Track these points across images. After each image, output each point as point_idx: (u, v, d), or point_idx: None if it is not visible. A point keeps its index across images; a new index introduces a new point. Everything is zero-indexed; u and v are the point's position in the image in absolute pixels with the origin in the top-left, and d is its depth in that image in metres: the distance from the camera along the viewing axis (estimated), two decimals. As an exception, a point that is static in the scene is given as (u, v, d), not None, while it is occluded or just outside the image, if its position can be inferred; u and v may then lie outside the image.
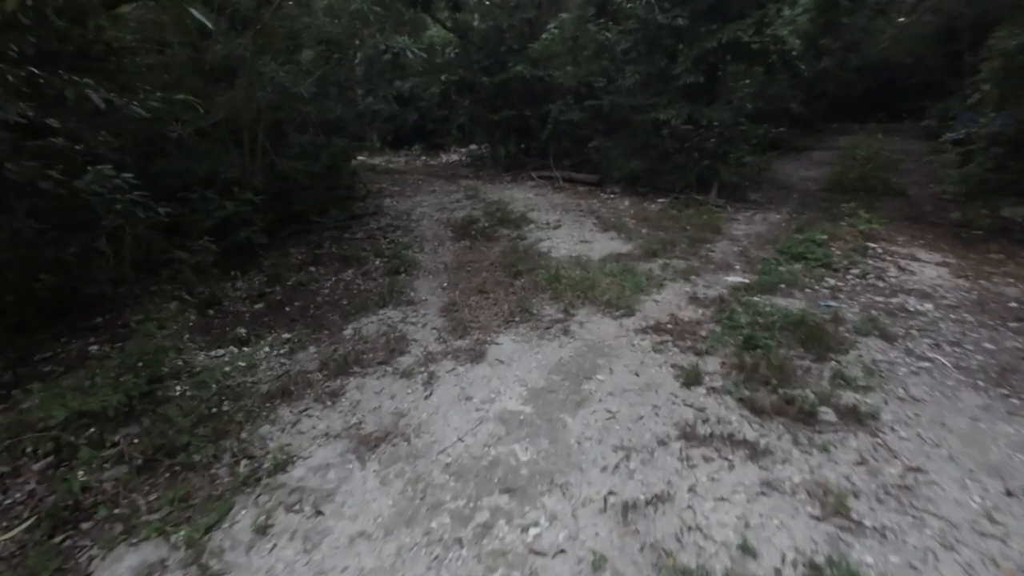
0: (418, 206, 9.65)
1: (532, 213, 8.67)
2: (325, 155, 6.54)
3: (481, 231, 7.64)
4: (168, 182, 6.03)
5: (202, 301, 5.25)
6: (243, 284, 5.80)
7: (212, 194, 5.87)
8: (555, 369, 3.81)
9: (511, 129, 13.80)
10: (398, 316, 4.92)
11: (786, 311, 4.50)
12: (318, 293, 5.53)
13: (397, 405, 3.45)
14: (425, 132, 21.49)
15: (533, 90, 13.02)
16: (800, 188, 10.28)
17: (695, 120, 8.77)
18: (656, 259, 6.27)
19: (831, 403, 3.25)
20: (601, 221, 8.14)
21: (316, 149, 6.22)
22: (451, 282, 5.76)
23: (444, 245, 7.21)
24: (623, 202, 9.54)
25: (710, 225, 7.62)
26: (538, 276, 5.68)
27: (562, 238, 7.29)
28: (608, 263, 6.08)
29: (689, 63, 8.53)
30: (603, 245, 6.96)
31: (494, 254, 6.67)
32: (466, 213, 8.87)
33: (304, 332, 4.63)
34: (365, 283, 5.83)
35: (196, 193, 5.85)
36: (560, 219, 8.27)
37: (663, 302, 4.99)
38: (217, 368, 3.92)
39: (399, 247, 7.03)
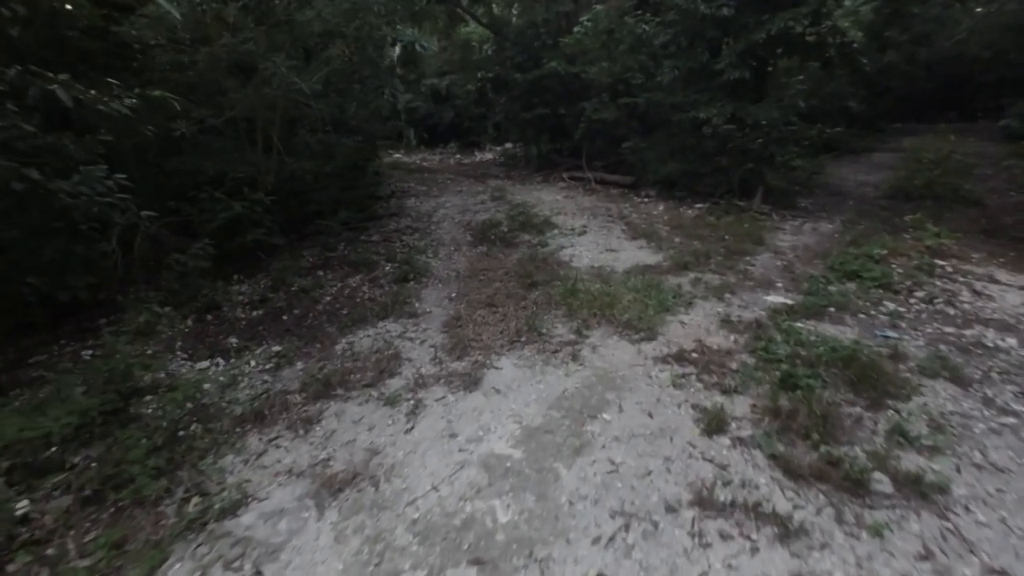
0: (441, 207, 9.33)
1: (557, 217, 8.18)
2: (340, 154, 6.27)
3: (501, 236, 7.22)
4: (180, 181, 5.92)
5: (201, 306, 5.08)
6: (247, 288, 5.60)
7: (221, 194, 5.70)
8: (556, 403, 3.35)
9: (544, 128, 13.32)
10: (397, 330, 4.57)
11: (835, 342, 3.87)
12: (320, 300, 5.26)
13: (373, 439, 3.08)
14: (461, 130, 21.32)
15: (569, 87, 12.49)
16: (857, 194, 9.35)
17: (739, 119, 8.05)
18: (687, 273, 5.68)
19: (887, 468, 2.65)
20: (631, 227, 7.57)
21: (328, 148, 5.97)
22: (460, 292, 5.37)
23: (460, 250, 6.83)
24: (657, 207, 8.90)
25: (751, 235, 6.93)
26: (554, 289, 5.21)
27: (586, 246, 6.78)
28: (633, 276, 5.54)
29: (734, 57, 7.82)
30: (630, 255, 6.41)
31: (511, 262, 6.24)
32: (488, 216, 8.48)
33: (296, 344, 4.35)
34: (371, 290, 5.52)
35: (206, 193, 5.70)
36: (587, 224, 7.75)
37: (690, 325, 4.43)
38: (196, 383, 3.66)
39: (413, 252, 6.71)
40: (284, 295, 5.39)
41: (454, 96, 20.92)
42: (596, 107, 10.76)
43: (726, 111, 8.04)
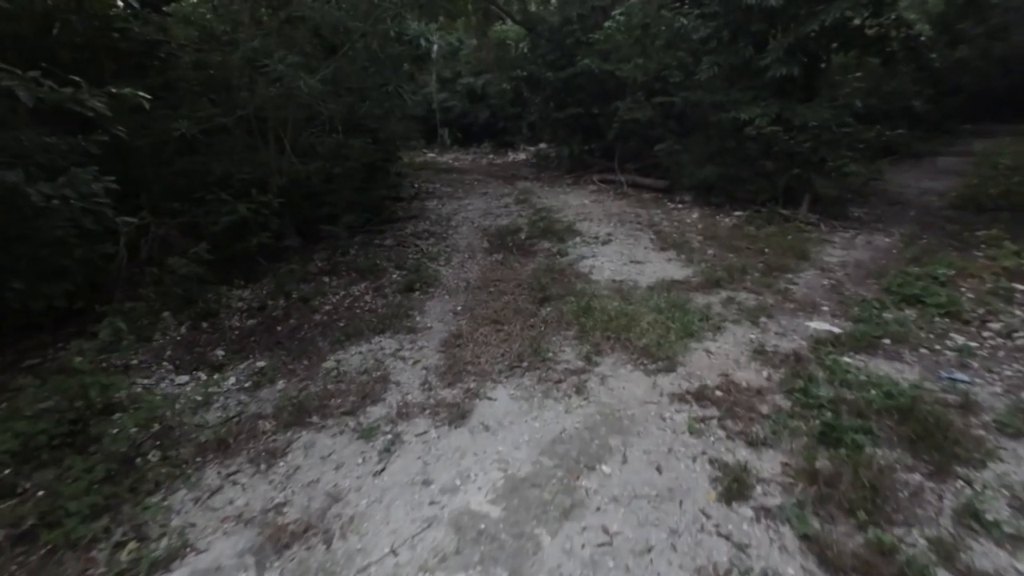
0: (463, 210, 8.99)
1: (582, 223, 7.69)
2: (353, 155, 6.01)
3: (519, 243, 6.80)
4: (190, 181, 5.79)
5: (199, 312, 4.89)
6: (249, 294, 5.39)
7: (227, 195, 5.52)
8: (551, 447, 2.91)
9: (577, 128, 12.80)
10: (392, 347, 4.23)
11: (890, 385, 3.27)
12: (319, 310, 4.98)
13: (339, 481, 2.73)
14: (496, 130, 21.03)
15: (603, 86, 11.93)
16: (919, 204, 8.43)
17: (786, 120, 7.34)
18: (719, 290, 5.11)
19: (956, 565, 2.09)
20: (660, 237, 7.00)
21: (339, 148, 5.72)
22: (466, 306, 4.99)
23: (474, 258, 6.45)
24: (691, 214, 8.27)
25: (795, 248, 6.25)
26: (567, 305, 4.76)
27: (609, 256, 6.27)
28: (656, 293, 5.02)
29: (781, 52, 7.12)
30: (656, 268, 5.87)
31: (525, 272, 5.81)
32: (510, 221, 8.07)
33: (282, 360, 4.07)
34: (373, 300, 5.21)
35: (213, 194, 5.54)
36: (612, 232, 7.22)
37: (717, 354, 3.89)
38: (168, 402, 3.42)
39: (424, 258, 6.38)
40: (284, 303, 5.15)
41: (489, 95, 20.67)
42: (630, 107, 10.18)
43: (771, 111, 7.34)
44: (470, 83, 21.39)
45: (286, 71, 4.33)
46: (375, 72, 5.20)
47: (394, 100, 5.39)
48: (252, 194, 5.67)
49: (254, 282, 5.65)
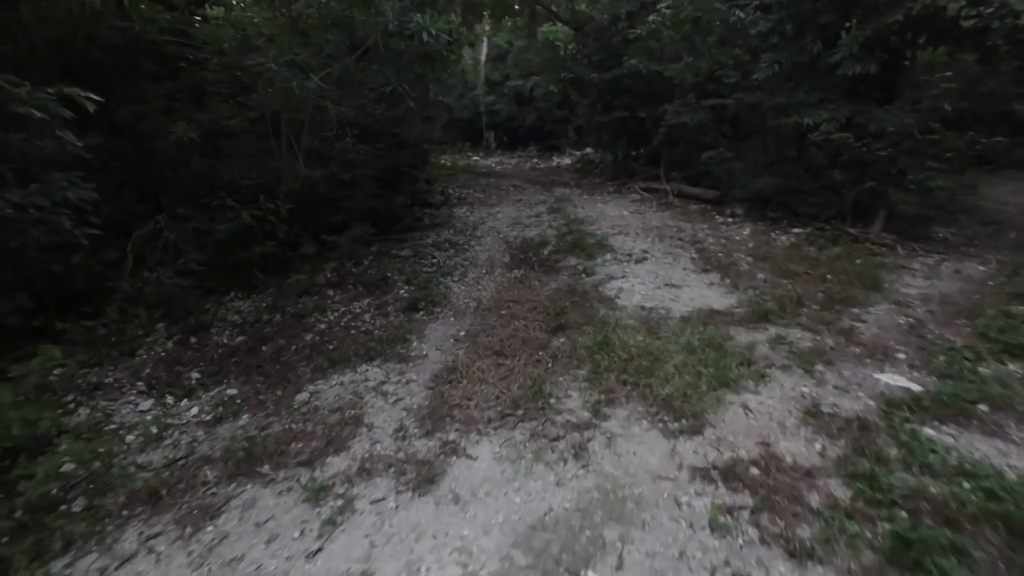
0: (491, 218, 8.49)
1: (616, 238, 6.99)
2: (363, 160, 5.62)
3: (543, 259, 6.21)
4: (200, 186, 5.59)
5: (191, 325, 4.62)
6: (248, 306, 5.09)
7: (233, 201, 5.26)
8: (528, 536, 2.32)
9: (622, 132, 12.07)
10: (378, 378, 3.75)
11: (991, 476, 2.47)
12: (312, 328, 4.59)
13: (264, 562, 2.25)
14: (543, 133, 20.52)
15: (652, 87, 11.15)
16: (1021, 224, 7.17)
17: (858, 126, 6.37)
18: (767, 326, 4.33)
19: None
20: (703, 256, 6.21)
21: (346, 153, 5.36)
22: (471, 331, 4.46)
23: (492, 273, 5.92)
24: (742, 229, 7.39)
25: (864, 275, 5.33)
26: (584, 336, 4.14)
27: (641, 278, 5.56)
28: (691, 326, 4.30)
29: (856, 47, 6.16)
30: (694, 294, 5.12)
31: (544, 293, 5.22)
32: (538, 232, 7.49)
33: (256, 387, 3.68)
34: (372, 320, 4.78)
35: (220, 199, 5.30)
36: (648, 249, 6.49)
37: (758, 413, 3.17)
38: (119, 435, 3.09)
39: (438, 272, 5.90)
40: (279, 318, 4.80)
41: (537, 98, 20.20)
42: (678, 109, 9.36)
43: (841, 115, 6.39)
44: (518, 86, 20.99)
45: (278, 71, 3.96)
46: (377, 71, 4.77)
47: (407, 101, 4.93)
48: (260, 200, 5.41)
49: (258, 292, 5.36)
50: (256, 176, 5.43)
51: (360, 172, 5.74)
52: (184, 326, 4.62)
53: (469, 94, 22.00)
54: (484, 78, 21.45)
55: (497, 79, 21.45)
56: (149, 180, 5.98)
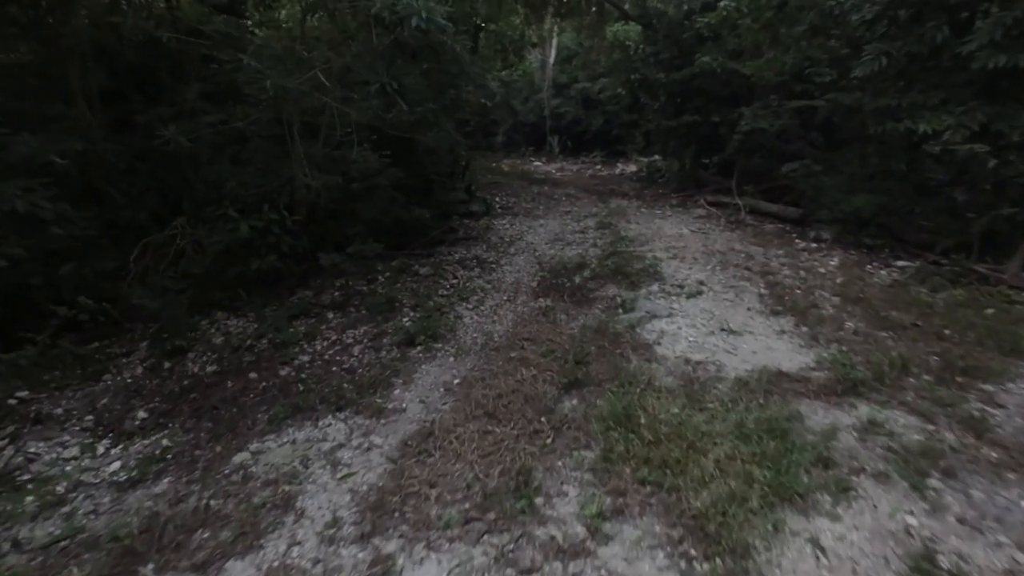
0: (532, 232, 7.68)
1: (669, 263, 5.94)
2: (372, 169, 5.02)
3: (577, 286, 5.31)
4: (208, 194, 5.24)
5: (168, 349, 4.19)
6: (238, 327, 4.62)
7: (235, 211, 4.84)
8: None
9: (691, 138, 10.81)
10: (336, 438, 3.07)
11: None
12: (291, 362, 4.01)
13: None
14: (609, 138, 19.43)
15: (728, 88, 9.87)
16: None
17: (996, 134, 4.94)
18: (856, 402, 3.22)
19: None
20: (775, 292, 5.05)
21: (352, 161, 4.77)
22: (468, 378, 3.68)
23: (514, 301, 5.11)
24: (829, 259, 6.07)
25: (1000, 333, 4.00)
26: (603, 400, 3.24)
27: (692, 318, 4.53)
28: (747, 394, 3.28)
29: (999, 33, 4.75)
30: (758, 344, 4.04)
31: (568, 332, 4.34)
32: (579, 251, 6.58)
33: (198, 439, 3.12)
34: (362, 354, 4.13)
35: (223, 209, 4.90)
36: (706, 280, 5.40)
37: (835, 557, 2.14)
38: (22, 492, 2.61)
39: (453, 296, 5.19)
40: (263, 345, 4.26)
41: (604, 101, 19.20)
42: (757, 113, 8.07)
43: (972, 121, 4.98)
44: (585, 88, 20.06)
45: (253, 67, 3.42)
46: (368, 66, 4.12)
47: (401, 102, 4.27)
48: (264, 210, 4.96)
49: (256, 311, 4.88)
50: (261, 184, 4.97)
51: (372, 181, 5.13)
52: (165, 347, 4.20)
53: (534, 97, 21.34)
54: (551, 80, 20.69)
55: (565, 81, 20.64)
56: (173, 185, 5.76)
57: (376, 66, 3.95)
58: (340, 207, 5.57)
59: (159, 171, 5.80)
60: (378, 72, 3.92)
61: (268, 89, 3.71)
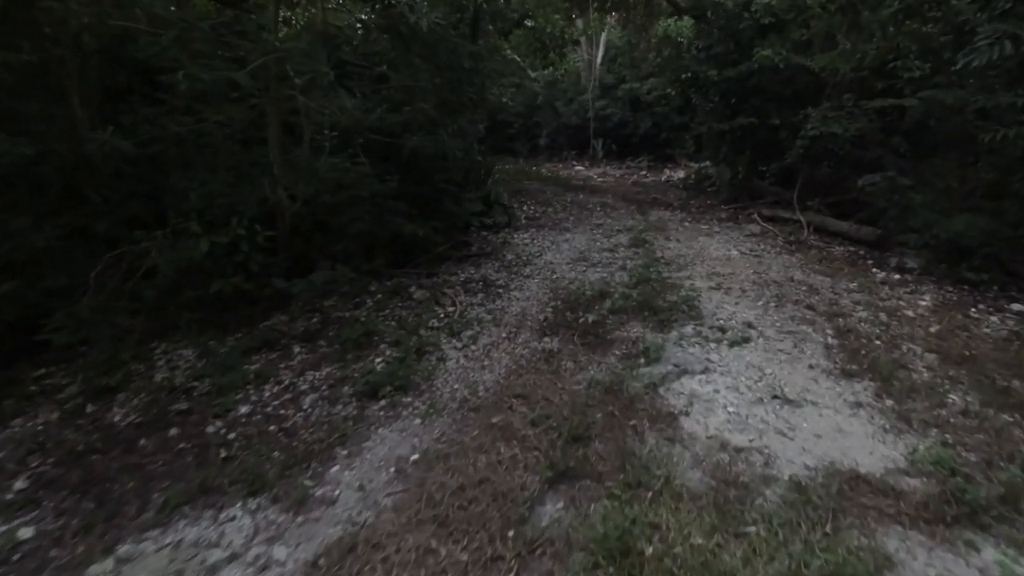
0: (554, 248, 6.77)
1: (710, 296, 4.90)
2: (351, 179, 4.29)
3: (593, 324, 4.36)
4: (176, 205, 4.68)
5: (99, 386, 3.59)
6: (187, 361, 3.98)
7: (197, 225, 4.24)
8: None
9: (745, 144, 9.58)
10: (231, 545, 2.30)
11: None
12: (225, 415, 3.30)
13: None
14: (657, 142, 18.23)
15: (792, 86, 8.63)
16: None
17: None
18: (976, 537, 2.17)
19: None
20: (847, 343, 3.94)
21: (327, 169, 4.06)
22: (428, 456, 2.85)
23: (514, 339, 4.23)
24: (918, 296, 4.85)
25: None
26: (597, 507, 2.34)
27: (735, 376, 3.51)
28: (809, 514, 2.29)
29: None
30: (824, 424, 3.00)
31: (572, 388, 3.43)
32: (604, 275, 5.63)
33: (66, 529, 2.43)
34: (312, 408, 3.37)
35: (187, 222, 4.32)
36: (756, 321, 4.34)
37: None
38: None
39: (444, 330, 4.37)
40: (204, 388, 3.59)
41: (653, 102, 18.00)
42: (827, 115, 6.84)
43: None
44: (633, 89, 18.92)
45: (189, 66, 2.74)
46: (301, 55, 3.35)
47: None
48: (232, 224, 4.34)
49: (203, 342, 4.24)
50: (230, 194, 4.35)
51: (352, 193, 4.40)
52: (97, 384, 3.60)
53: (579, 98, 20.35)
54: (597, 80, 19.64)
55: (612, 82, 19.56)
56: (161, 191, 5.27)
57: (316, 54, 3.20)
58: (327, 220, 4.89)
59: (147, 175, 5.31)
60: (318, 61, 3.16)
61: (180, 81, 3.05)
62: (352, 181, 4.26)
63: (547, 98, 20.85)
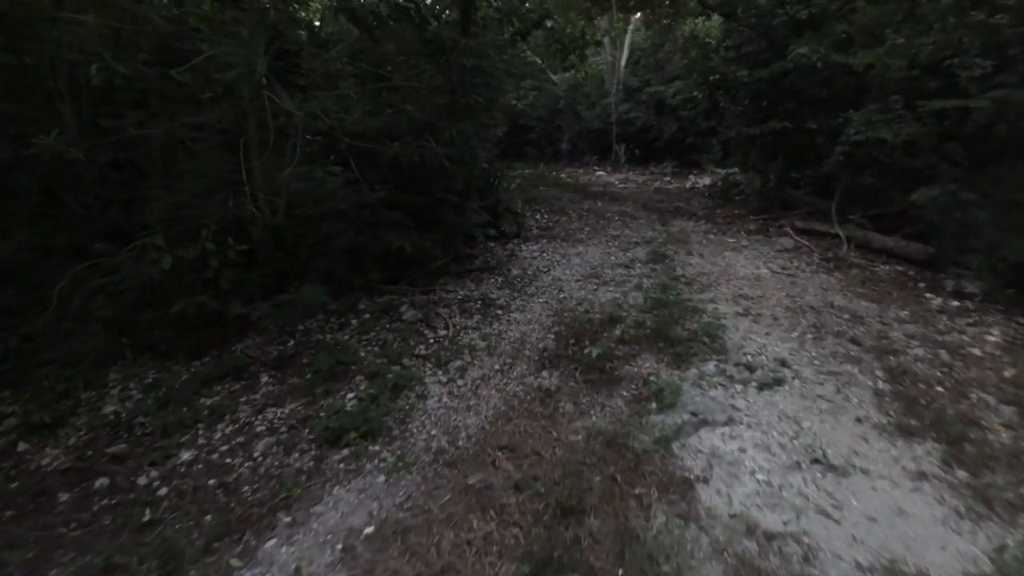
0: (564, 263, 6.23)
1: (736, 323, 4.29)
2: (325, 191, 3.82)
3: (600, 357, 3.79)
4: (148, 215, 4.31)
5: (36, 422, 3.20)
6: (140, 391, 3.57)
7: (161, 240, 3.85)
8: None
9: (777, 149, 8.88)
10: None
11: None
12: (161, 463, 2.85)
13: None
14: (682, 147, 17.48)
15: (832, 87, 7.92)
16: None
17: None
18: None
19: None
20: (901, 389, 3.30)
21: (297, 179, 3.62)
22: (386, 531, 2.34)
23: (508, 373, 3.71)
24: (984, 330, 4.15)
25: None
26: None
27: (766, 430, 2.92)
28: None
29: None
30: (878, 504, 2.39)
31: (568, 441, 2.90)
32: (616, 296, 5.06)
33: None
34: (262, 457, 2.90)
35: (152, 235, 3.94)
36: (791, 358, 3.72)
37: None
38: None
39: (428, 360, 3.88)
40: (146, 427, 3.17)
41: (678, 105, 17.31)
42: (873, 118, 6.14)
43: None
44: (658, 92, 18.25)
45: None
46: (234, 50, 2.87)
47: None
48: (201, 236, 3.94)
49: (186, 362, 3.85)
50: (200, 204, 3.95)
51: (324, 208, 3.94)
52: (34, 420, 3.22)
53: (602, 102, 19.77)
54: (621, 83, 19.03)
55: (636, 84, 18.93)
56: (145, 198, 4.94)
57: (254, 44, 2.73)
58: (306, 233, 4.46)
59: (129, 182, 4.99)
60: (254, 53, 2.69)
61: (94, 76, 2.64)
62: (325, 192, 3.80)
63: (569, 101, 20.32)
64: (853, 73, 7.22)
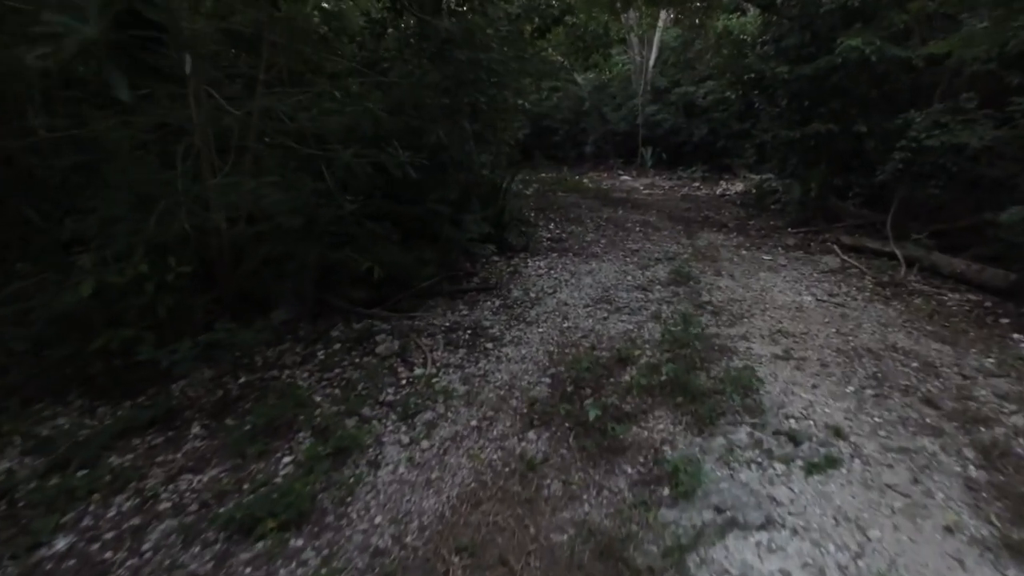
0: (572, 283, 5.49)
1: (775, 371, 3.49)
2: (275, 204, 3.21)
3: (604, 413, 3.06)
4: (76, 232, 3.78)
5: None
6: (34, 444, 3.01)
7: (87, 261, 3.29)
8: None
9: (821, 153, 7.95)
10: None
11: None
12: (26, 554, 2.26)
13: None
14: (713, 151, 16.53)
15: (884, 85, 6.99)
16: None
17: None
18: None
19: None
20: (998, 478, 2.47)
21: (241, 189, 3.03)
22: None
23: (485, 433, 3.01)
24: (1101, 391, 3.24)
25: None
26: None
27: (818, 538, 2.14)
28: None
29: None
30: None
31: (548, 541, 2.18)
32: (630, 327, 4.30)
33: None
34: (152, 552, 2.28)
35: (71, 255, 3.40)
36: (850, 425, 2.90)
37: None
38: None
39: (392, 411, 3.21)
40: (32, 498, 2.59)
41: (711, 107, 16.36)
42: (942, 120, 5.22)
43: None
44: (687, 93, 17.34)
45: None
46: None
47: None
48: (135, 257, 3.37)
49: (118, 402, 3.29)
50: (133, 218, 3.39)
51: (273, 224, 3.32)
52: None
53: (628, 103, 18.93)
54: (649, 84, 18.17)
55: (665, 85, 18.04)
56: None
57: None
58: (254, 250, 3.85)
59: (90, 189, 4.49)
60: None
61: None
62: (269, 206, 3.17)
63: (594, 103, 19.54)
64: (912, 69, 6.30)
